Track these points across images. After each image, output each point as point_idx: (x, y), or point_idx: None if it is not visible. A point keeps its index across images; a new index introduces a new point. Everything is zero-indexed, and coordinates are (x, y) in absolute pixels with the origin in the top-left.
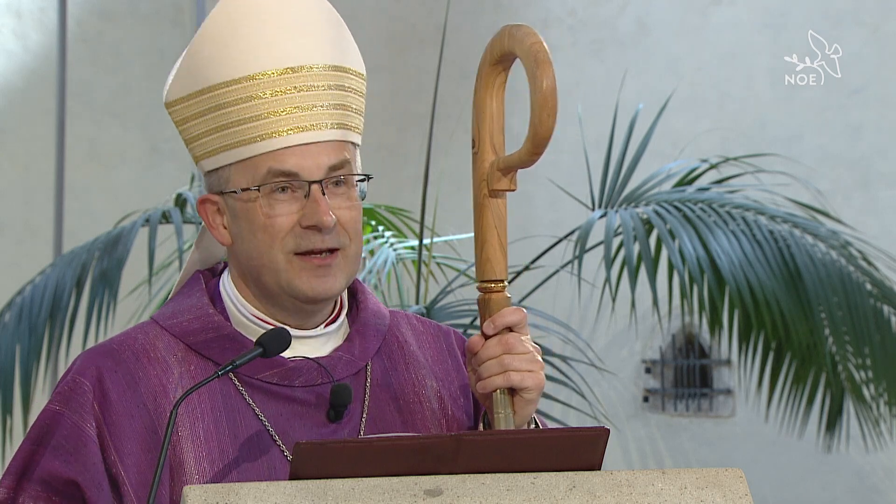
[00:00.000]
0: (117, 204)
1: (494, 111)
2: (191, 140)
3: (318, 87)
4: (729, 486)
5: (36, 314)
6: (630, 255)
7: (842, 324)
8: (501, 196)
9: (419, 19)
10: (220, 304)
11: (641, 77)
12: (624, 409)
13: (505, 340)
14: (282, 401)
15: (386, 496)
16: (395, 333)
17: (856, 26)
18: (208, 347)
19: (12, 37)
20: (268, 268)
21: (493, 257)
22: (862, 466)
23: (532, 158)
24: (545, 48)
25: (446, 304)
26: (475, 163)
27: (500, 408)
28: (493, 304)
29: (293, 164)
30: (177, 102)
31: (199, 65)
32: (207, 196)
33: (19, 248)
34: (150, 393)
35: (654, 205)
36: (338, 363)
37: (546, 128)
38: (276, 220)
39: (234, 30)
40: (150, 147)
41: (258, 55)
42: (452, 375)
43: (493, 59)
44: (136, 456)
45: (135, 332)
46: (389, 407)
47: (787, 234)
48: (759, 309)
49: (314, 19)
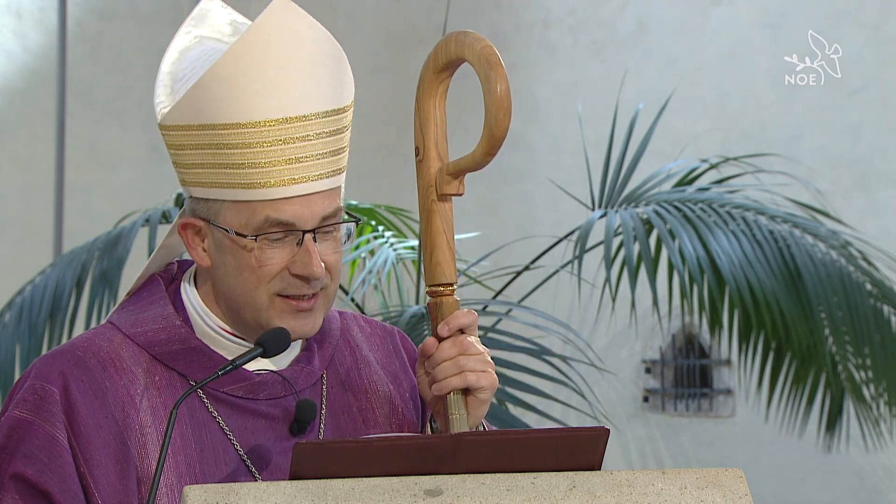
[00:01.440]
0: (117, 204)
1: (438, 118)
2: (182, 165)
3: (316, 136)
4: (729, 486)
5: (36, 314)
6: (630, 255)
7: (842, 324)
8: (449, 200)
9: (419, 19)
10: (182, 313)
11: (641, 77)
12: (624, 409)
13: (459, 342)
14: (247, 414)
15: (386, 496)
16: (347, 337)
17: (856, 26)
18: (174, 359)
19: (12, 37)
20: (250, 305)
21: (443, 261)
22: (862, 466)
23: (486, 159)
24: (496, 52)
25: None
26: (420, 170)
27: (455, 409)
28: (445, 308)
29: (291, 214)
30: (174, 129)
31: (204, 99)
32: (191, 220)
33: (19, 248)
34: (117, 403)
35: (654, 205)
36: (299, 375)
37: (502, 128)
38: (266, 266)
39: (245, 72)
40: (150, 147)
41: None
42: (401, 377)
43: (438, 67)
44: (106, 467)
45: (97, 338)
46: (345, 413)
47: (787, 234)
48: (759, 309)
49: (320, 62)
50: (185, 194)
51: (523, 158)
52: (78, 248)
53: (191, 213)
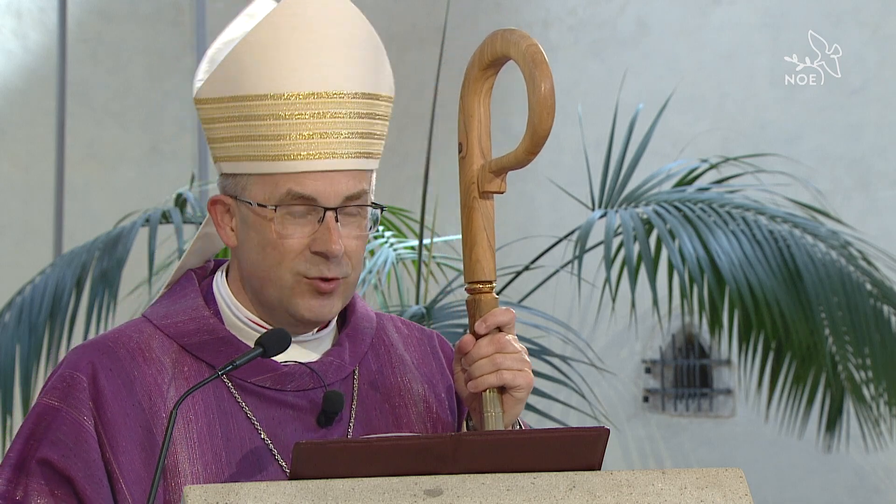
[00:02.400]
0: (117, 204)
1: (482, 116)
2: (214, 140)
3: (345, 115)
4: (729, 486)
5: (36, 314)
6: (630, 255)
7: (842, 324)
8: (490, 198)
9: (419, 19)
10: (213, 306)
11: (641, 77)
12: (624, 409)
13: (496, 340)
14: (274, 405)
15: (386, 496)
16: (383, 336)
17: (856, 26)
18: (202, 349)
19: (12, 37)
20: (272, 282)
21: (483, 258)
22: (862, 466)
23: (528, 158)
24: (541, 49)
25: (446, 303)
26: (463, 167)
27: (490, 407)
28: (483, 305)
29: (313, 189)
30: (207, 102)
31: (236, 71)
32: (220, 197)
33: (19, 248)
34: (144, 392)
35: (654, 205)
36: (329, 368)
37: (545, 127)
38: (287, 240)
39: (277, 43)
40: (150, 147)
41: (293, 74)
42: (437, 377)
43: (484, 64)
44: (131, 454)
45: (129, 329)
46: (377, 410)
47: (787, 234)
48: (759, 309)
49: (355, 44)
50: (217, 171)
51: None
52: (78, 248)
53: (221, 190)
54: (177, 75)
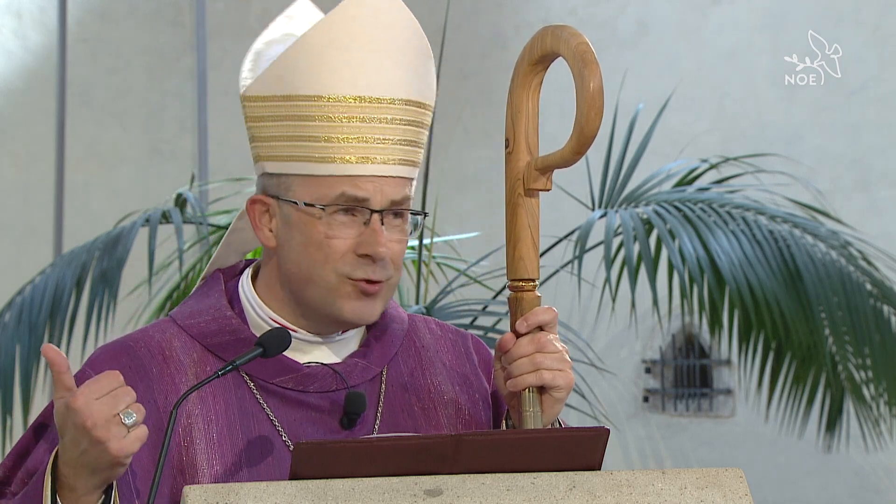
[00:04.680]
0: (117, 204)
1: (531, 111)
2: (259, 139)
3: (396, 122)
4: (729, 486)
5: (36, 314)
6: (630, 255)
7: (842, 324)
8: (536, 196)
9: (419, 19)
10: (237, 307)
11: (641, 77)
12: (624, 409)
13: (537, 339)
14: (296, 406)
15: (386, 496)
16: (414, 338)
17: (856, 26)
18: (225, 350)
19: (12, 37)
20: (315, 283)
21: (527, 256)
22: (862, 466)
23: (575, 157)
24: (591, 49)
25: (446, 304)
26: (509, 162)
27: (529, 406)
28: (525, 303)
29: (366, 192)
30: (255, 99)
31: (289, 70)
32: (261, 197)
33: (19, 248)
34: (161, 391)
35: (654, 205)
36: (353, 369)
37: (593, 127)
38: (334, 241)
39: (333, 46)
40: (150, 147)
41: (347, 77)
42: (471, 379)
43: (534, 59)
44: (141, 451)
45: (152, 329)
46: (404, 413)
47: (787, 234)
48: (759, 309)
49: (408, 51)
50: (258, 171)
51: None
52: (78, 248)
53: (261, 189)
54: (177, 75)
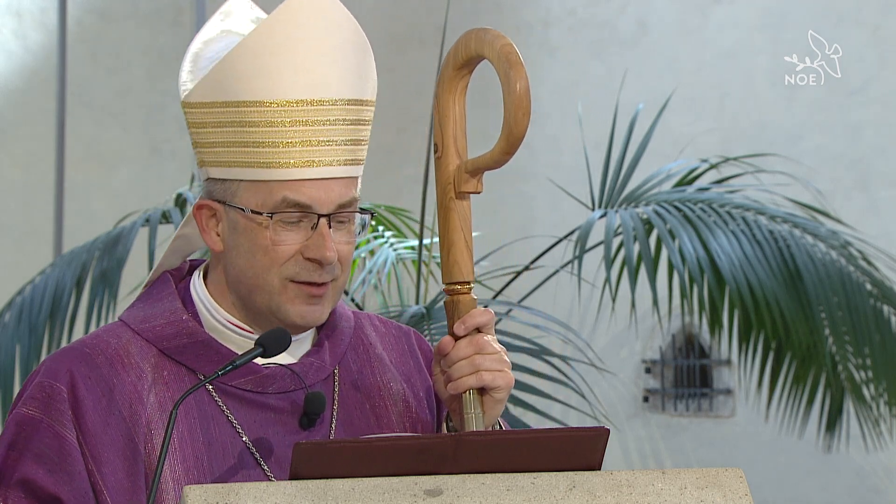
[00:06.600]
0: (117, 204)
1: (457, 115)
2: (202, 145)
3: (338, 122)
4: (729, 486)
5: (36, 314)
6: (630, 255)
7: (842, 324)
8: (467, 198)
9: (419, 19)
10: (191, 308)
11: (641, 77)
12: (624, 409)
13: (475, 341)
14: (255, 408)
15: (386, 496)
16: (361, 336)
17: (856, 26)
18: (182, 353)
19: (12, 37)
20: (262, 288)
21: (461, 259)
22: (862, 466)
23: (504, 158)
24: (516, 50)
25: None
26: (439, 167)
27: (471, 408)
28: (462, 306)
29: (308, 197)
30: (197, 105)
31: (230, 76)
32: (207, 202)
33: (19, 248)
34: (125, 400)
35: (654, 205)
36: (308, 369)
37: (521, 128)
38: (280, 247)
39: (272, 50)
40: (150, 147)
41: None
42: (415, 376)
43: (458, 64)
44: (114, 464)
45: (106, 334)
46: (358, 410)
47: (787, 234)
48: (759, 309)
49: (348, 50)
50: (203, 176)
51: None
52: (78, 248)
53: (207, 195)
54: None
